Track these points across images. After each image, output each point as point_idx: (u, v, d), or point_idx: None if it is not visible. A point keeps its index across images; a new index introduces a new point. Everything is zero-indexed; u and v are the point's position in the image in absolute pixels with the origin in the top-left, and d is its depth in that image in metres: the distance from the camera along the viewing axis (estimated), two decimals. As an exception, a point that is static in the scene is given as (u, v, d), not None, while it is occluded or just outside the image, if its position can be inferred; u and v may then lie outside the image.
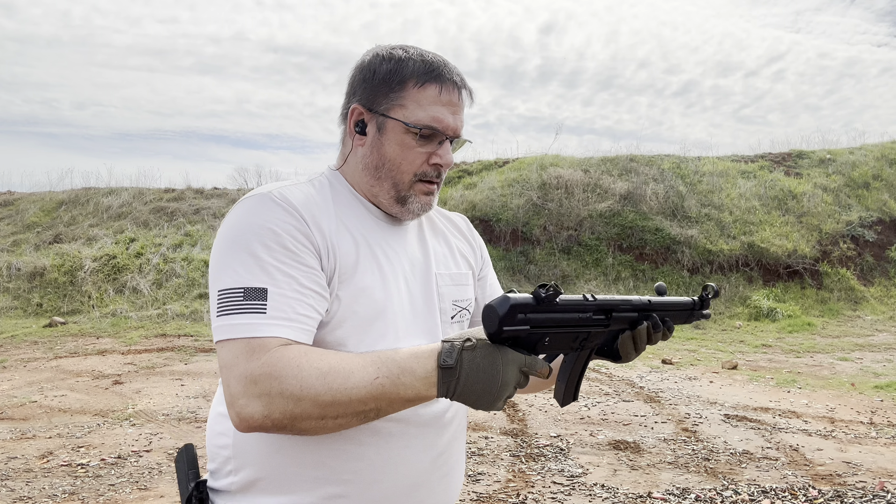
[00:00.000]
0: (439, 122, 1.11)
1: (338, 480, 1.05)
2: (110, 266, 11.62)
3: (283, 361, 0.94)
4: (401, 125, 1.11)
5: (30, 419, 5.03)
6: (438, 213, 1.33)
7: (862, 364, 7.38)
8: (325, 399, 0.93)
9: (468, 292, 1.26)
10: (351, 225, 1.12)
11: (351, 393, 0.93)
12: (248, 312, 0.97)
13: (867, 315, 10.79)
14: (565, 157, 14.55)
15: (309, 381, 0.92)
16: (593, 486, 3.73)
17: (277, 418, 0.93)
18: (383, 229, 1.17)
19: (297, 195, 1.08)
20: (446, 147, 1.13)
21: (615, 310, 1.08)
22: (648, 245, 12.10)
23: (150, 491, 3.66)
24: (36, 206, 14.23)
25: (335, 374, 0.94)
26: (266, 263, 0.99)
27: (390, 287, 1.12)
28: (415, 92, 1.12)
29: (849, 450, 4.35)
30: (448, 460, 1.18)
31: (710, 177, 13.71)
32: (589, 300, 1.04)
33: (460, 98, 1.15)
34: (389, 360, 0.97)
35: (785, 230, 12.33)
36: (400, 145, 1.12)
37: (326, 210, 1.11)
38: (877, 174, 13.89)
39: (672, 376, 6.67)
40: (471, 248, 1.34)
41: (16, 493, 3.60)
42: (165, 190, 14.70)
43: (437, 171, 1.15)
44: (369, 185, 1.16)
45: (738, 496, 3.58)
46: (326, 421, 0.95)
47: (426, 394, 0.97)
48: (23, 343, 8.45)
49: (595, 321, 1.05)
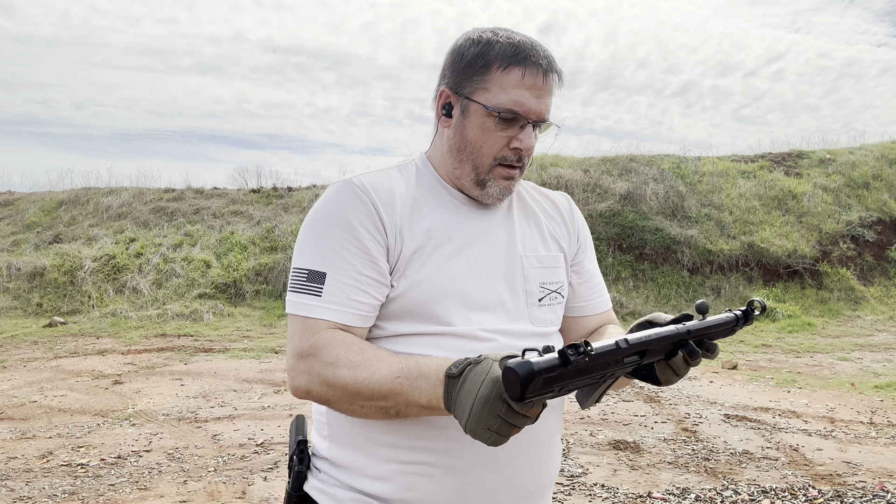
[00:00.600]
0: (521, 105, 1.11)
1: (414, 447, 1.08)
2: (110, 266, 11.61)
3: (325, 348, 1.05)
4: (482, 108, 1.12)
5: (30, 419, 5.03)
6: (537, 192, 1.32)
7: (862, 364, 7.38)
8: (352, 390, 1.02)
9: (559, 275, 1.24)
10: (429, 210, 1.15)
11: (373, 387, 1.01)
12: (307, 293, 1.08)
13: (867, 315, 10.79)
14: (565, 157, 14.55)
15: (341, 372, 1.02)
16: (593, 485, 3.73)
17: (316, 395, 1.06)
18: (465, 213, 1.18)
19: (376, 182, 1.13)
20: (527, 132, 1.12)
21: (650, 346, 1.00)
22: (648, 245, 12.09)
23: (150, 491, 3.65)
24: (36, 206, 14.23)
25: (364, 368, 1.02)
26: (330, 249, 1.08)
27: (463, 269, 1.12)
28: (498, 75, 1.12)
29: (849, 450, 4.35)
30: (536, 436, 1.13)
31: (710, 177, 13.71)
32: (622, 347, 0.95)
33: (546, 81, 1.13)
34: (414, 363, 1.02)
35: (785, 230, 12.33)
36: (481, 128, 1.13)
37: (404, 196, 1.14)
38: (877, 174, 13.89)
39: (672, 376, 6.67)
40: (566, 230, 1.30)
41: (16, 493, 3.60)
42: (165, 190, 14.70)
43: (517, 156, 1.14)
44: (452, 167, 1.18)
45: (738, 496, 3.58)
46: (354, 407, 1.04)
47: (436, 403, 0.98)
48: (23, 343, 8.45)
49: (628, 363, 0.98)
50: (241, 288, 11.28)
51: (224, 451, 4.32)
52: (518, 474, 1.13)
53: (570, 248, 1.30)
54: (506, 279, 1.17)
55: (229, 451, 4.33)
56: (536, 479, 1.16)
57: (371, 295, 1.09)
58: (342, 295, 1.08)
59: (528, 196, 1.30)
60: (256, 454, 4.27)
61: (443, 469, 1.08)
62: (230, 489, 3.69)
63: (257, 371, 6.75)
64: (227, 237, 12.63)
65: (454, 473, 1.08)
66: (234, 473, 3.93)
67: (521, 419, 0.91)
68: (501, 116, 1.11)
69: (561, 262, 1.26)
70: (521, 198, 1.28)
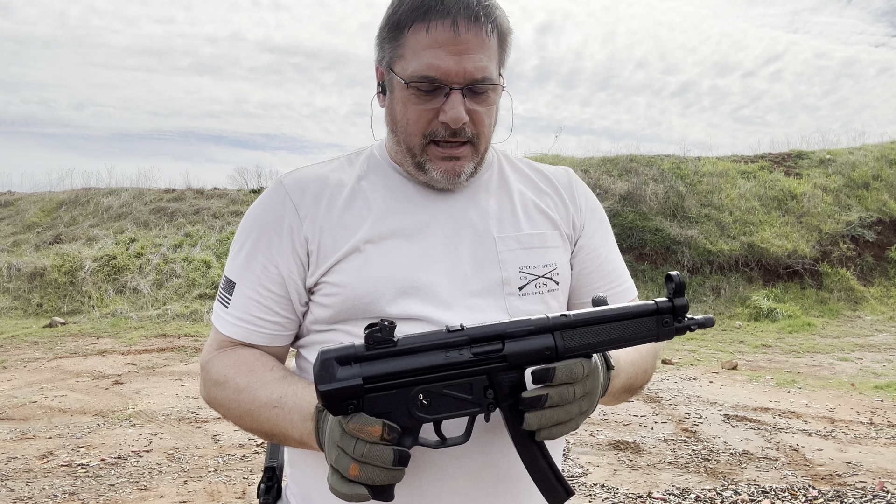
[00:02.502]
0: (435, 69, 0.92)
1: None
2: (110, 266, 11.61)
3: (217, 365, 0.99)
4: (400, 81, 0.96)
5: (30, 419, 5.03)
6: (529, 168, 1.13)
7: (862, 364, 7.38)
8: (234, 414, 0.97)
9: (548, 256, 1.02)
10: (375, 198, 1.01)
11: (253, 415, 0.93)
12: (220, 302, 1.03)
13: (867, 315, 10.79)
14: (565, 158, 14.56)
15: (225, 393, 0.97)
16: (593, 486, 3.73)
17: (212, 408, 1.02)
18: (421, 197, 1.02)
19: (308, 177, 1.02)
20: (452, 100, 0.93)
21: (506, 337, 0.80)
22: (648, 245, 12.09)
23: (150, 491, 3.66)
24: (36, 206, 14.23)
25: (247, 392, 0.94)
26: (243, 258, 1.01)
27: (415, 259, 0.97)
28: (409, 38, 0.94)
29: (849, 450, 4.35)
30: (488, 467, 0.95)
31: (709, 177, 13.71)
32: (453, 330, 0.79)
33: (463, 32, 0.91)
34: (294, 392, 0.90)
35: (785, 230, 12.33)
36: (404, 103, 0.97)
37: (344, 187, 1.01)
38: (877, 174, 13.89)
39: (672, 376, 6.67)
40: (562, 204, 1.09)
41: (16, 493, 3.60)
42: (165, 190, 14.69)
43: (450, 131, 0.95)
44: (395, 150, 1.04)
45: (738, 496, 3.58)
46: (249, 431, 0.98)
47: (308, 440, 0.86)
48: (23, 343, 8.45)
49: (483, 358, 0.79)
50: (242, 288, 11.30)
51: (224, 452, 4.32)
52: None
53: (568, 225, 1.08)
54: (474, 267, 0.98)
55: (229, 451, 4.33)
56: None
57: (276, 312, 0.99)
58: (245, 310, 0.99)
59: (515, 170, 1.12)
60: (256, 454, 4.27)
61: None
62: (230, 489, 3.69)
63: (257, 371, 6.75)
64: (227, 237, 12.62)
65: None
66: (235, 473, 3.93)
67: (360, 447, 0.74)
68: (416, 86, 0.93)
69: (554, 240, 1.05)
70: (503, 174, 1.09)
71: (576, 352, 0.82)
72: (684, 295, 0.85)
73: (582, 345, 0.82)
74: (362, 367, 0.76)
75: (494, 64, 0.97)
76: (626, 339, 0.84)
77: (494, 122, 1.02)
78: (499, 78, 0.98)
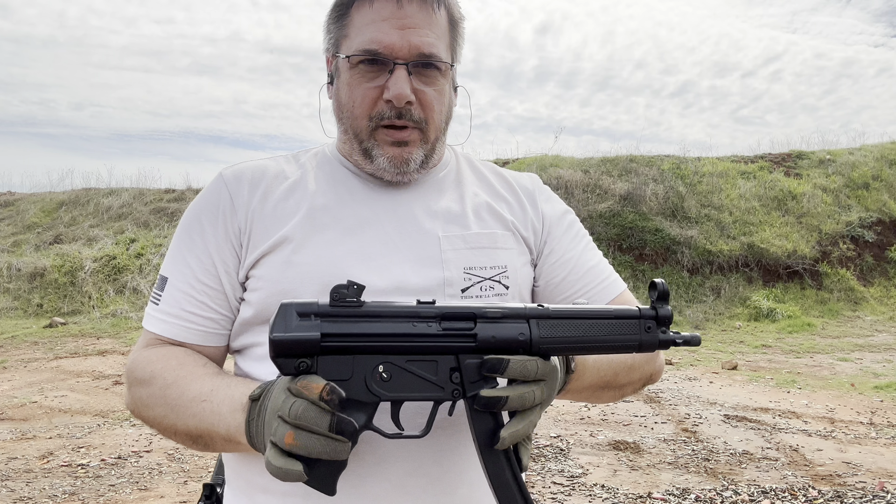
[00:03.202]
0: (378, 42, 0.88)
1: (280, 491, 0.88)
2: (110, 266, 11.62)
3: (144, 364, 0.91)
4: (345, 61, 0.92)
5: (30, 420, 5.04)
6: (491, 172, 1.08)
7: (862, 364, 7.38)
8: (160, 412, 0.88)
9: (496, 258, 0.96)
10: (315, 190, 0.96)
11: (179, 411, 0.85)
12: (152, 301, 0.96)
13: (867, 315, 10.79)
14: (565, 158, 14.56)
15: (151, 391, 0.88)
16: (593, 486, 3.73)
17: (140, 418, 0.92)
18: (365, 191, 0.97)
19: (247, 168, 0.99)
20: (396, 75, 0.89)
21: (479, 317, 0.75)
22: (648, 245, 12.10)
23: (150, 491, 3.66)
24: (36, 206, 14.23)
25: (175, 387, 0.86)
26: (178, 251, 0.96)
27: (350, 255, 0.91)
28: (353, 15, 0.92)
29: (849, 450, 4.35)
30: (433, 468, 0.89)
31: (709, 177, 13.71)
32: (424, 302, 0.74)
33: (412, 4, 0.89)
34: (227, 384, 0.84)
35: (785, 231, 12.34)
36: (349, 84, 0.92)
37: (284, 179, 0.97)
38: (876, 175, 13.89)
39: (672, 376, 6.67)
40: (520, 209, 1.03)
41: (16, 493, 3.61)
42: (166, 190, 14.70)
43: (396, 112, 0.90)
44: (342, 140, 0.99)
45: (738, 496, 3.59)
46: (172, 436, 0.88)
47: (235, 435, 0.79)
48: (23, 343, 8.45)
49: (452, 334, 0.74)
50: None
51: (224, 452, 4.32)
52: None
53: (531, 231, 1.02)
54: (414, 265, 0.92)
55: (230, 451, 4.34)
56: None
57: (209, 307, 0.93)
58: (177, 305, 0.93)
59: (475, 172, 1.06)
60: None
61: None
62: (230, 489, 3.69)
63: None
64: (227, 238, 12.64)
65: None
66: (235, 474, 3.93)
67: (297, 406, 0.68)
68: (358, 61, 0.90)
69: (506, 241, 0.98)
70: (460, 175, 1.04)
71: (551, 344, 0.76)
72: (668, 303, 0.80)
73: (558, 337, 0.76)
74: (322, 322, 0.71)
75: (444, 45, 0.93)
76: (606, 341, 0.79)
77: (447, 111, 0.97)
78: (449, 61, 0.94)
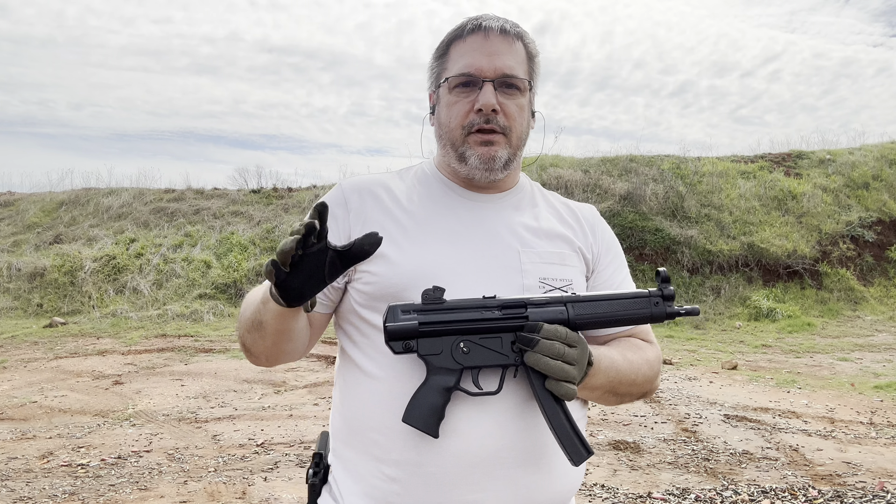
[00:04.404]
0: (471, 66, 1.13)
1: (388, 460, 1.05)
2: (110, 266, 11.61)
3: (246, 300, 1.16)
4: (445, 86, 1.16)
5: (30, 419, 5.04)
6: (559, 201, 1.28)
7: (862, 364, 7.38)
8: (242, 319, 1.12)
9: (566, 272, 1.15)
10: (419, 201, 1.17)
11: (244, 315, 1.10)
12: None
13: (867, 315, 10.79)
14: (565, 158, 14.55)
15: (242, 310, 1.14)
16: (593, 486, 3.73)
17: (243, 344, 1.13)
18: (460, 205, 1.18)
19: (364, 180, 1.20)
20: (485, 90, 1.12)
21: (529, 304, 1.03)
22: (648, 245, 12.09)
23: (151, 491, 3.66)
24: (36, 206, 14.23)
25: (252, 296, 1.11)
26: None
27: (446, 258, 1.10)
28: (451, 53, 1.17)
29: (849, 450, 4.35)
30: (523, 449, 1.06)
31: (709, 177, 13.71)
32: (488, 297, 1.03)
33: (494, 40, 1.14)
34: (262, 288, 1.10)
35: (785, 230, 12.33)
36: (448, 106, 1.16)
37: (392, 190, 1.18)
38: (876, 174, 13.89)
39: (672, 376, 6.67)
40: (583, 234, 1.24)
41: (16, 493, 3.61)
42: (166, 190, 14.69)
43: (484, 118, 1.12)
44: (442, 157, 1.20)
45: (738, 496, 3.59)
46: (247, 334, 1.10)
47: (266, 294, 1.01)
48: (23, 343, 8.45)
49: (510, 317, 1.01)
50: (242, 288, 11.28)
51: (224, 452, 4.32)
52: (504, 488, 1.05)
53: (590, 253, 1.23)
54: (499, 272, 1.12)
55: (229, 451, 4.34)
56: (535, 493, 1.07)
57: None
58: None
59: (545, 201, 1.27)
60: (256, 454, 4.27)
61: (418, 482, 1.03)
62: (230, 489, 3.69)
63: (257, 371, 6.75)
64: (227, 237, 12.63)
65: (429, 487, 1.03)
66: (235, 474, 3.93)
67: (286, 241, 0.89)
68: (458, 84, 1.13)
69: (572, 260, 1.18)
70: (534, 200, 1.25)
71: (585, 320, 1.04)
72: (670, 284, 1.08)
73: (588, 314, 1.04)
74: (419, 315, 1.00)
75: (523, 70, 1.16)
76: (625, 315, 1.06)
77: (526, 125, 1.18)
78: (527, 79, 1.16)
